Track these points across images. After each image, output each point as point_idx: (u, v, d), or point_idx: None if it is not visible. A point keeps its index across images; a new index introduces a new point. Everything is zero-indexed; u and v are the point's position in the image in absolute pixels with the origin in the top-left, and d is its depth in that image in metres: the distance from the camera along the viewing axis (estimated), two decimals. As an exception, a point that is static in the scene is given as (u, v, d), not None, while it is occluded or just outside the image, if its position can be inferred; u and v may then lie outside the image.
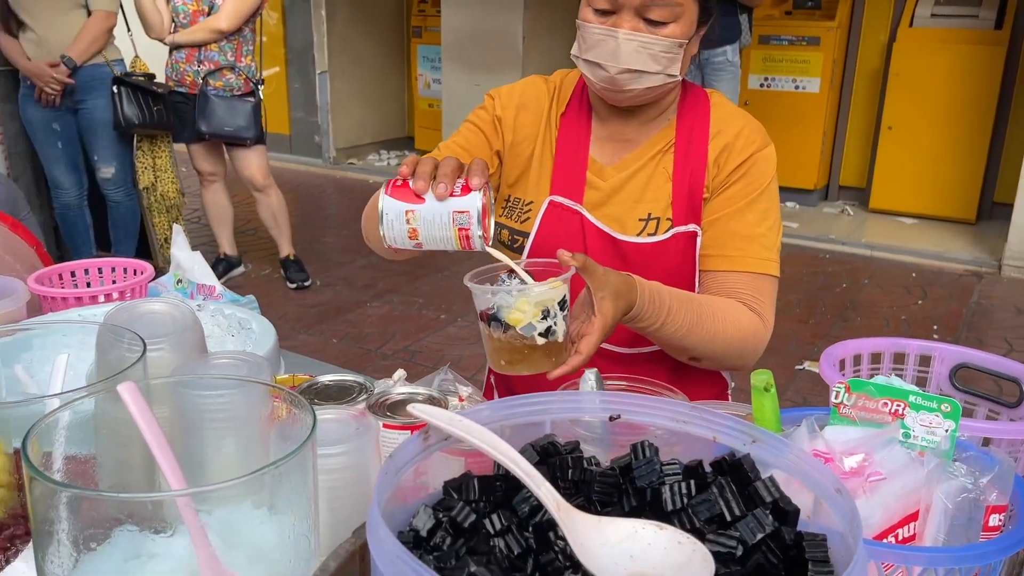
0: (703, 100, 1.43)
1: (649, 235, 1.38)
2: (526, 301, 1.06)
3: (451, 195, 1.05)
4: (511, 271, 1.13)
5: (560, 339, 1.09)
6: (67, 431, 0.73)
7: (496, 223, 1.49)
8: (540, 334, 1.07)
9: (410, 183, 1.07)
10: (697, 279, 1.40)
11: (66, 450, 0.73)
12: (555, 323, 1.08)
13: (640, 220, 1.39)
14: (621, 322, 1.20)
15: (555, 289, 1.07)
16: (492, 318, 1.09)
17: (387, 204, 1.07)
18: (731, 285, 1.34)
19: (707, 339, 1.27)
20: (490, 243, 1.10)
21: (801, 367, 3.75)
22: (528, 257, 1.41)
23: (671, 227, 1.37)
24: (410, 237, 1.08)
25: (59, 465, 0.72)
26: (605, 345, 1.41)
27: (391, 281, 4.79)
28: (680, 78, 1.33)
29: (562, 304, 1.08)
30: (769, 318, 1.35)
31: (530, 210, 1.44)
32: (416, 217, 1.06)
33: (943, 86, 5.58)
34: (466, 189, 1.06)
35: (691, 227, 1.37)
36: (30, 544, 0.80)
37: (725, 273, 1.36)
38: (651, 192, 1.39)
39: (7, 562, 0.79)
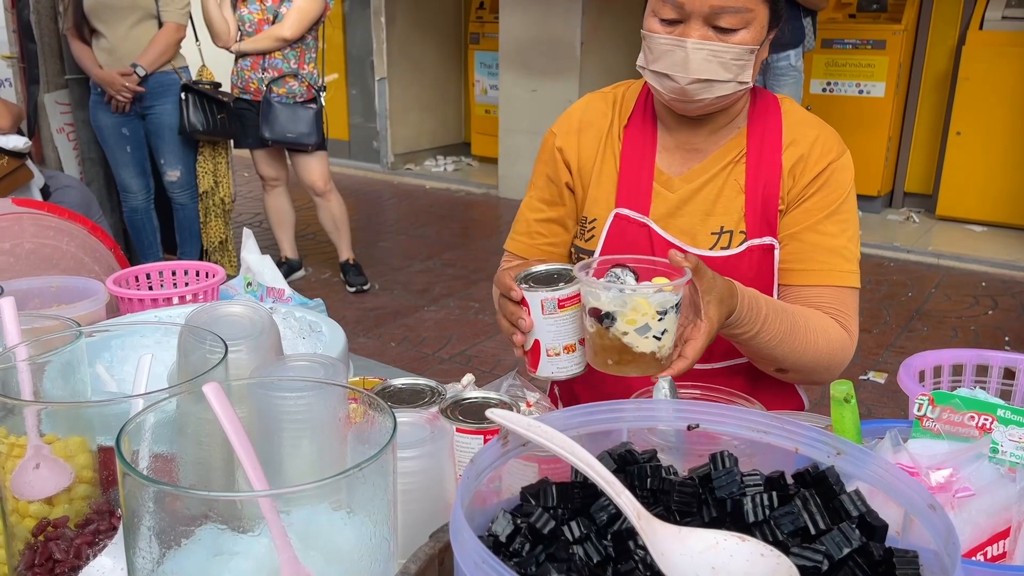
0: (774, 106, 1.39)
1: (722, 248, 1.35)
2: (645, 302, 1.02)
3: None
4: (621, 264, 1.09)
5: (670, 342, 1.06)
6: (153, 430, 0.74)
7: (571, 247, 1.49)
8: (655, 336, 1.03)
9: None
10: (775, 293, 1.37)
11: (153, 449, 0.75)
12: (669, 326, 1.04)
13: (713, 234, 1.36)
14: (724, 329, 1.18)
15: (674, 292, 1.03)
16: (605, 315, 1.04)
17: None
18: (816, 300, 1.32)
19: (799, 350, 1.25)
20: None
21: (866, 377, 3.66)
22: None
23: (745, 240, 1.34)
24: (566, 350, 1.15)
25: (146, 463, 0.74)
26: None
27: (448, 285, 4.82)
28: (751, 85, 1.30)
29: (677, 307, 1.05)
30: (854, 331, 1.33)
31: (594, 227, 1.42)
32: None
33: (1014, 90, 5.41)
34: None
35: (767, 240, 1.34)
36: (114, 539, 0.82)
37: (809, 288, 1.33)
38: (722, 204, 1.36)
39: (93, 556, 0.82)
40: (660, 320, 1.03)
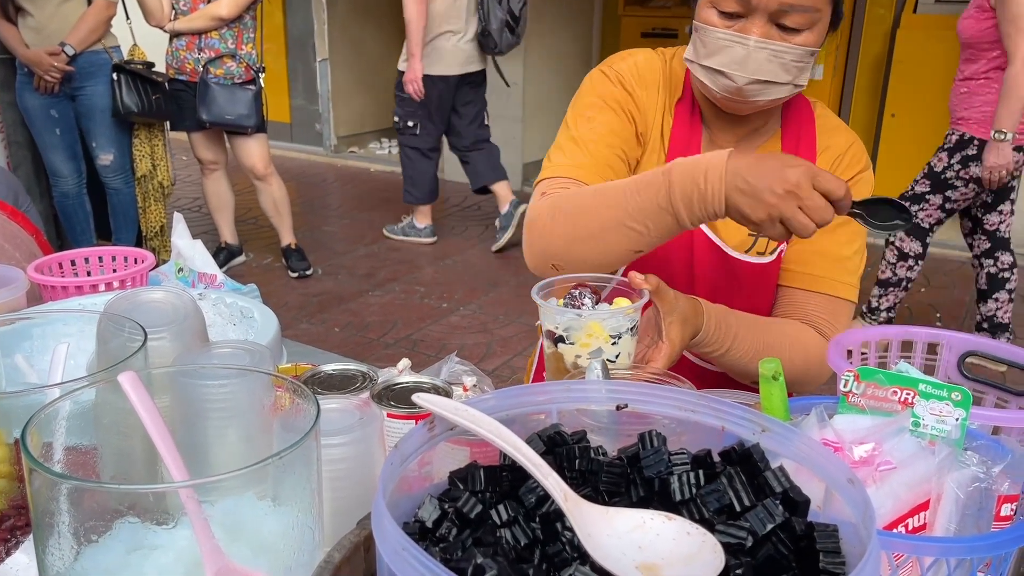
0: (807, 110, 1.34)
1: (758, 254, 1.31)
2: (597, 325, 1.02)
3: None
4: (582, 285, 1.08)
5: (625, 365, 1.05)
6: (67, 422, 0.72)
7: None
8: (608, 360, 1.03)
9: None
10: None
11: (66, 441, 0.72)
12: (623, 349, 1.04)
13: (750, 235, 1.31)
14: (688, 347, 1.16)
15: (627, 316, 1.03)
16: (559, 339, 1.04)
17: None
18: (808, 306, 1.30)
19: None
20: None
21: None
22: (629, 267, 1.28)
23: (778, 246, 1.31)
24: None
25: (59, 456, 0.71)
26: None
27: (392, 270, 4.78)
28: (804, 87, 1.23)
29: (633, 330, 1.04)
30: None
31: None
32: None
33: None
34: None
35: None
36: (31, 535, 0.79)
37: (805, 292, 1.31)
38: None
39: (7, 553, 0.79)
40: (614, 344, 1.03)
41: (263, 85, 4.28)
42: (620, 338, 1.03)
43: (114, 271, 1.59)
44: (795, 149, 1.31)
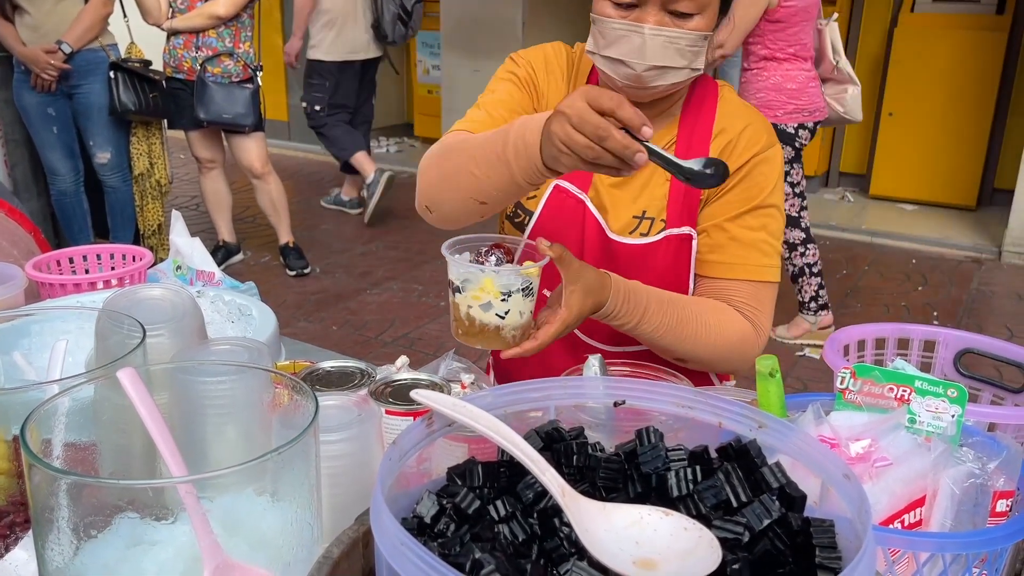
0: (711, 94, 1.36)
1: (641, 235, 1.34)
2: (491, 281, 1.09)
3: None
4: (496, 246, 1.15)
5: (517, 323, 1.12)
6: (66, 418, 0.72)
7: None
8: (497, 315, 1.10)
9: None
10: (692, 281, 1.37)
11: (65, 437, 0.72)
12: (514, 307, 1.10)
13: (634, 218, 1.35)
14: (597, 318, 1.20)
15: (520, 276, 1.09)
16: (456, 289, 1.12)
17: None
18: (728, 292, 1.32)
19: (687, 341, 1.26)
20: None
21: (802, 353, 3.75)
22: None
23: (664, 229, 1.34)
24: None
25: (59, 452, 0.71)
26: (591, 341, 1.41)
27: (390, 268, 4.78)
28: (702, 71, 1.26)
29: (526, 290, 1.11)
30: (764, 325, 1.32)
31: (537, 189, 1.39)
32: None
33: (944, 72, 5.56)
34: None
35: (685, 229, 1.33)
36: (30, 531, 0.80)
37: (722, 280, 1.32)
38: (648, 191, 1.35)
39: (7, 549, 0.79)
40: (503, 300, 1.09)
41: (261, 83, 4.27)
42: (510, 296, 1.09)
43: (112, 269, 1.59)
44: (690, 132, 1.34)
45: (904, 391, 0.83)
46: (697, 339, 1.26)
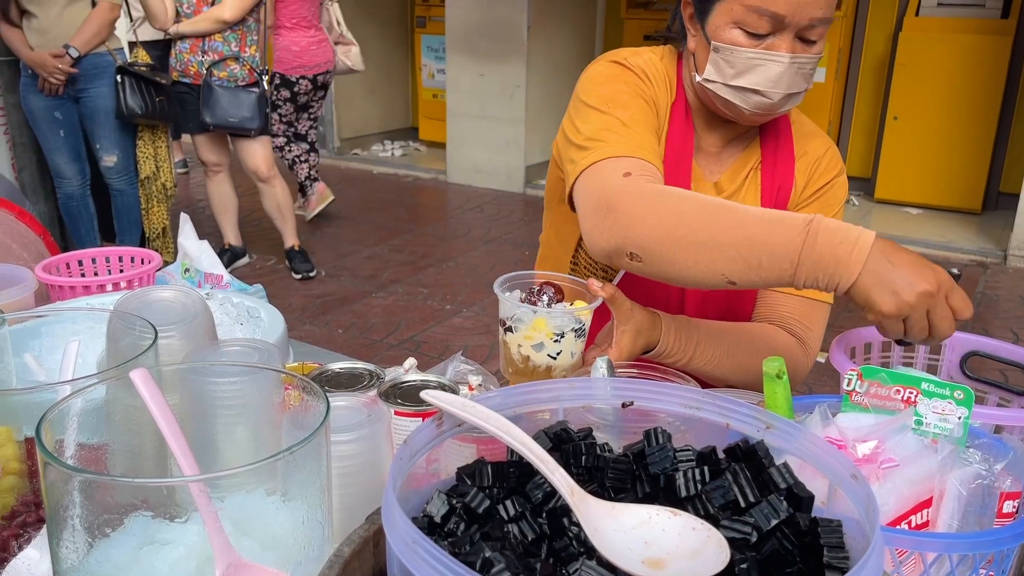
0: (783, 115, 1.35)
1: None
2: (544, 321, 1.08)
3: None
4: (548, 284, 1.13)
5: (568, 363, 1.11)
6: (79, 418, 0.72)
7: None
8: (549, 355, 1.10)
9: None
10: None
11: (78, 438, 0.73)
12: (566, 348, 1.10)
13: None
14: (650, 357, 1.20)
15: (574, 317, 1.09)
16: (508, 328, 1.11)
17: None
18: (783, 309, 1.32)
19: (738, 370, 1.26)
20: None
21: (806, 357, 3.74)
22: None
23: None
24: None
25: (71, 452, 0.72)
26: None
27: (396, 272, 4.79)
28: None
29: (578, 331, 1.10)
30: (814, 345, 1.32)
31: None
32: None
33: (949, 76, 5.56)
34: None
35: None
36: (41, 531, 0.80)
37: (780, 295, 1.33)
38: None
39: (19, 548, 0.79)
40: (556, 341, 1.09)
41: (267, 87, 4.29)
42: (563, 337, 1.09)
43: (121, 271, 1.60)
44: (774, 154, 1.32)
45: (911, 393, 0.83)
46: (748, 366, 1.26)
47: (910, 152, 5.76)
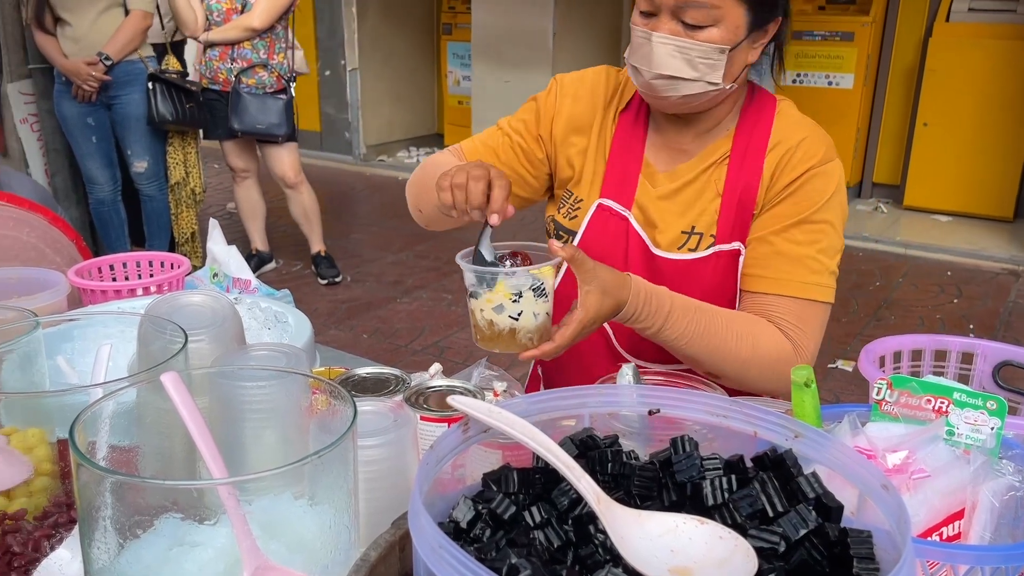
0: (768, 108, 1.33)
1: (690, 251, 1.32)
2: (502, 283, 1.09)
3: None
4: (514, 254, 1.16)
5: (531, 324, 1.11)
6: (111, 421, 0.74)
7: (549, 216, 1.48)
8: (511, 316, 1.10)
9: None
10: (738, 297, 1.33)
11: (110, 440, 0.74)
12: (527, 308, 1.10)
13: (683, 233, 1.32)
14: (619, 321, 1.19)
15: (530, 275, 1.09)
16: (472, 296, 1.12)
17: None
18: (770, 308, 1.26)
19: (716, 353, 1.21)
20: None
21: (834, 365, 3.71)
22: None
23: (712, 244, 1.31)
24: None
25: (103, 454, 0.73)
26: (636, 360, 1.37)
27: (420, 277, 4.81)
28: (727, 87, 1.24)
29: (537, 290, 1.10)
30: (806, 345, 1.26)
31: (579, 208, 1.39)
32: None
33: (980, 82, 5.48)
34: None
35: (735, 245, 1.30)
36: (72, 531, 0.81)
37: (764, 296, 1.27)
38: (699, 206, 1.32)
39: (51, 548, 0.81)
40: (515, 301, 1.10)
41: (294, 94, 4.33)
42: (521, 296, 1.10)
43: (151, 275, 1.62)
44: (745, 145, 1.31)
45: (942, 403, 0.82)
46: (727, 351, 1.21)
47: (940, 159, 5.69)
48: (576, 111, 1.39)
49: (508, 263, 1.13)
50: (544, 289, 1.11)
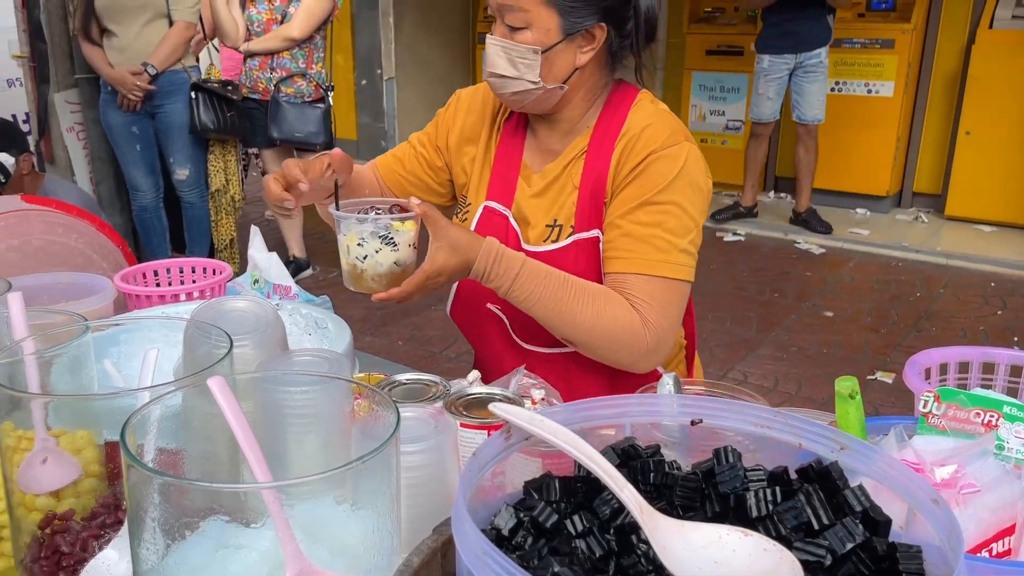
0: (627, 102, 1.41)
1: (552, 242, 1.41)
2: (352, 230, 1.22)
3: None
4: (394, 208, 1.28)
5: (376, 270, 1.24)
6: (159, 424, 0.75)
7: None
8: (357, 258, 1.24)
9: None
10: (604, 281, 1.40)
11: (158, 442, 0.75)
12: (371, 253, 1.23)
13: (547, 226, 1.42)
14: (472, 278, 1.29)
15: (376, 224, 1.21)
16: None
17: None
18: (623, 286, 1.33)
19: (564, 316, 1.29)
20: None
21: (874, 377, 3.65)
22: None
23: (572, 234, 1.39)
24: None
25: (151, 456, 0.74)
26: (527, 346, 1.47)
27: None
28: (550, 86, 1.33)
29: (384, 238, 1.22)
30: (655, 320, 1.31)
31: (469, 210, 1.50)
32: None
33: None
34: None
35: (593, 232, 1.38)
36: (120, 532, 0.83)
37: (617, 275, 1.34)
38: (560, 200, 1.42)
39: (99, 548, 0.82)
40: (360, 246, 1.23)
41: (332, 103, 4.38)
42: (365, 241, 1.22)
43: (194, 281, 1.64)
44: (600, 139, 1.39)
45: (991, 416, 0.80)
46: (574, 316, 1.29)
47: (983, 168, 5.58)
48: (468, 123, 1.52)
49: (373, 213, 1.25)
50: (390, 238, 1.22)
